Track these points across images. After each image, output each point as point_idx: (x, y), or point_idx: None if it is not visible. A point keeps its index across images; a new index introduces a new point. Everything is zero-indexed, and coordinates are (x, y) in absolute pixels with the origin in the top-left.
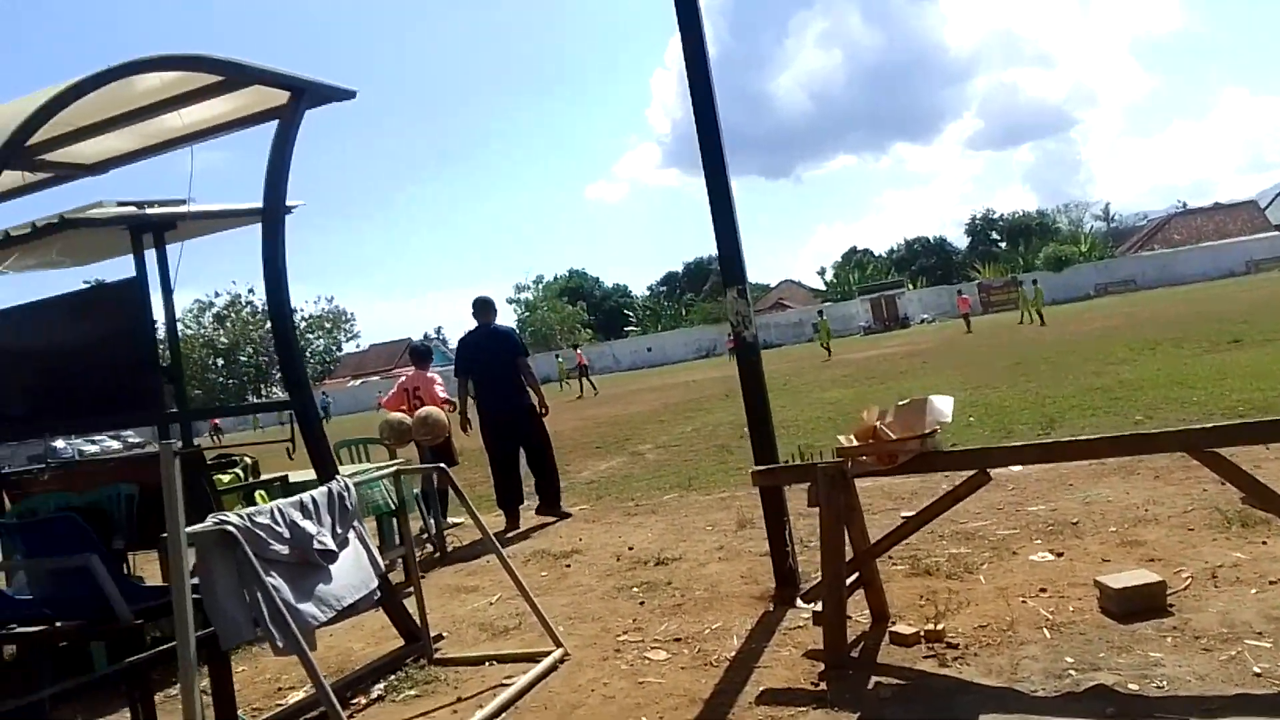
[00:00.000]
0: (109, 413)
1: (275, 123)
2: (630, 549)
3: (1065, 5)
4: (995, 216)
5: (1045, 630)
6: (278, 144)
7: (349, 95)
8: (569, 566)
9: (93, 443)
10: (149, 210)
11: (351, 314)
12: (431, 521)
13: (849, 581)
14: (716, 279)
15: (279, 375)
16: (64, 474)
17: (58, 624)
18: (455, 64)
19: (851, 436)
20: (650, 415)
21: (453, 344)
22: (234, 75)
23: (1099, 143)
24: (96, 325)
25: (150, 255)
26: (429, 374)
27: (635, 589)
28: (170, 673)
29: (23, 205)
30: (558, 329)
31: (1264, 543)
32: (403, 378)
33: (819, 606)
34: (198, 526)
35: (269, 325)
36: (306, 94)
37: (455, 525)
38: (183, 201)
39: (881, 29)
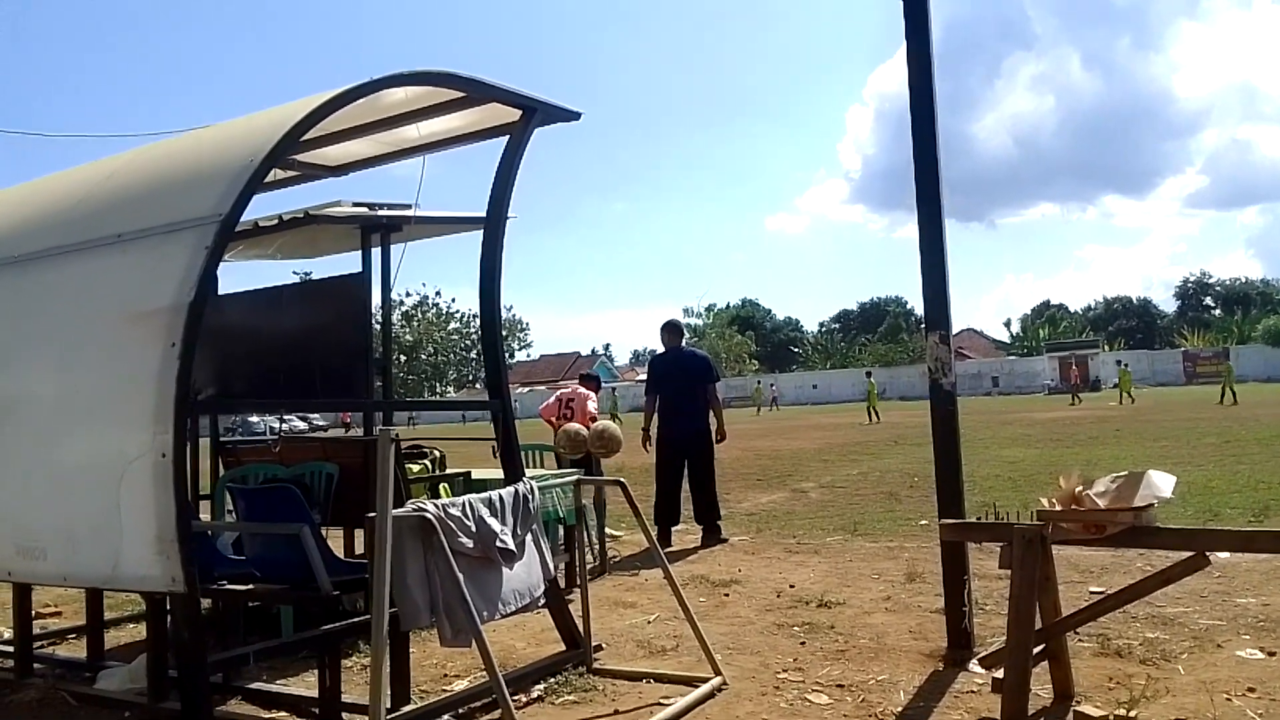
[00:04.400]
0: (323, 395)
1: (481, 142)
2: (791, 586)
3: None
4: (1211, 281)
5: None
6: (506, 159)
7: (575, 116)
8: (727, 595)
9: (283, 421)
10: (381, 212)
11: (527, 324)
12: (594, 534)
13: (1034, 652)
14: (893, 321)
15: (453, 376)
16: (277, 448)
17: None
18: (647, 83)
19: (1054, 500)
20: (814, 454)
21: (619, 361)
22: (475, 92)
23: None
24: (321, 313)
25: (374, 255)
26: (586, 392)
27: (796, 628)
28: (349, 645)
29: (257, 201)
30: (724, 356)
31: None
32: (562, 390)
33: (998, 673)
34: (399, 511)
35: (450, 328)
36: (538, 113)
37: (616, 539)
38: (408, 206)
39: (1103, 75)
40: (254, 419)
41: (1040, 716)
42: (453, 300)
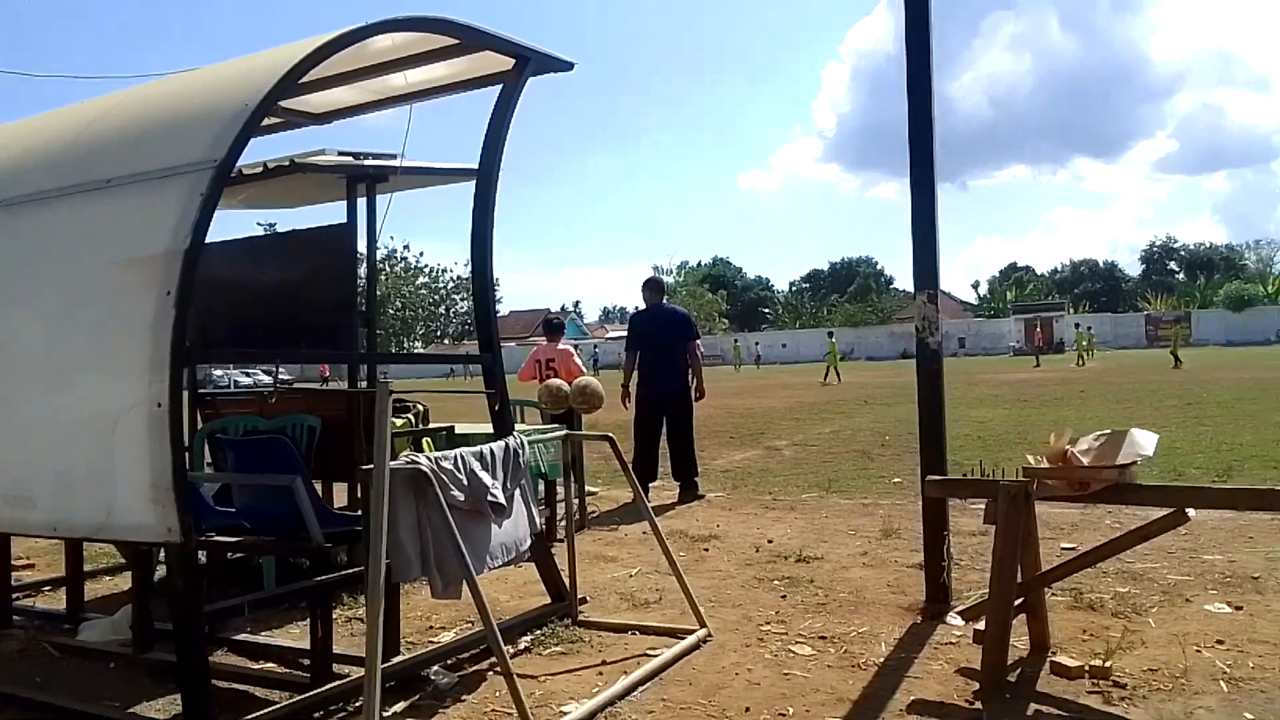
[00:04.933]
0: (307, 347)
1: (470, 91)
2: (770, 542)
3: None
4: (1176, 246)
5: (1222, 683)
6: (500, 108)
7: (568, 66)
8: (707, 550)
9: (247, 374)
10: (368, 161)
11: (497, 279)
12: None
13: (1014, 604)
14: (863, 282)
15: (421, 331)
16: (255, 400)
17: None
18: (623, 39)
19: (1040, 457)
20: (786, 412)
21: (590, 318)
22: (470, 39)
23: None
24: (306, 265)
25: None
26: (562, 346)
27: (776, 582)
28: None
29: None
30: (696, 315)
31: None
32: (535, 349)
33: (978, 625)
34: (394, 463)
35: (419, 282)
36: (532, 63)
37: (593, 494)
38: (393, 156)
39: (1080, 36)
40: (217, 372)
41: (1018, 667)
42: (421, 254)
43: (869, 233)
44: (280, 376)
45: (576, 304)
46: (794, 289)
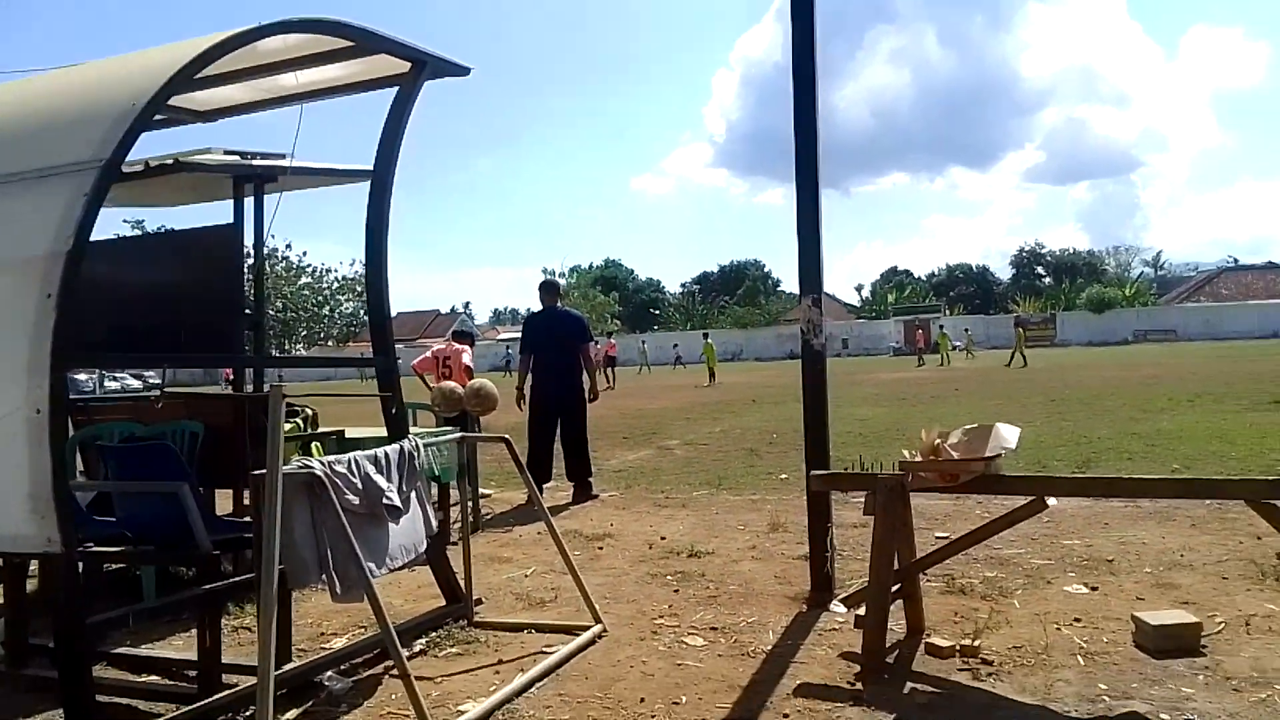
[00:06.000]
0: (194, 350)
1: (364, 93)
2: (662, 539)
3: (1150, 48)
4: (1043, 251)
5: (1079, 657)
6: (395, 113)
7: (464, 71)
8: (601, 549)
9: (115, 379)
10: (256, 161)
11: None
12: (470, 490)
13: (891, 591)
14: (751, 284)
15: (304, 333)
16: (132, 405)
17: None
18: (517, 40)
19: (915, 452)
20: (677, 412)
21: (480, 320)
22: (366, 42)
23: (1160, 189)
24: (192, 266)
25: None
26: (460, 348)
27: (669, 577)
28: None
29: None
30: (589, 317)
31: None
32: (437, 346)
33: (859, 611)
34: (287, 468)
35: (301, 283)
36: (428, 67)
37: (486, 496)
38: (281, 155)
39: (957, 52)
40: (82, 376)
41: (896, 649)
42: (304, 254)
43: (757, 236)
44: (150, 380)
45: (467, 305)
46: (685, 291)
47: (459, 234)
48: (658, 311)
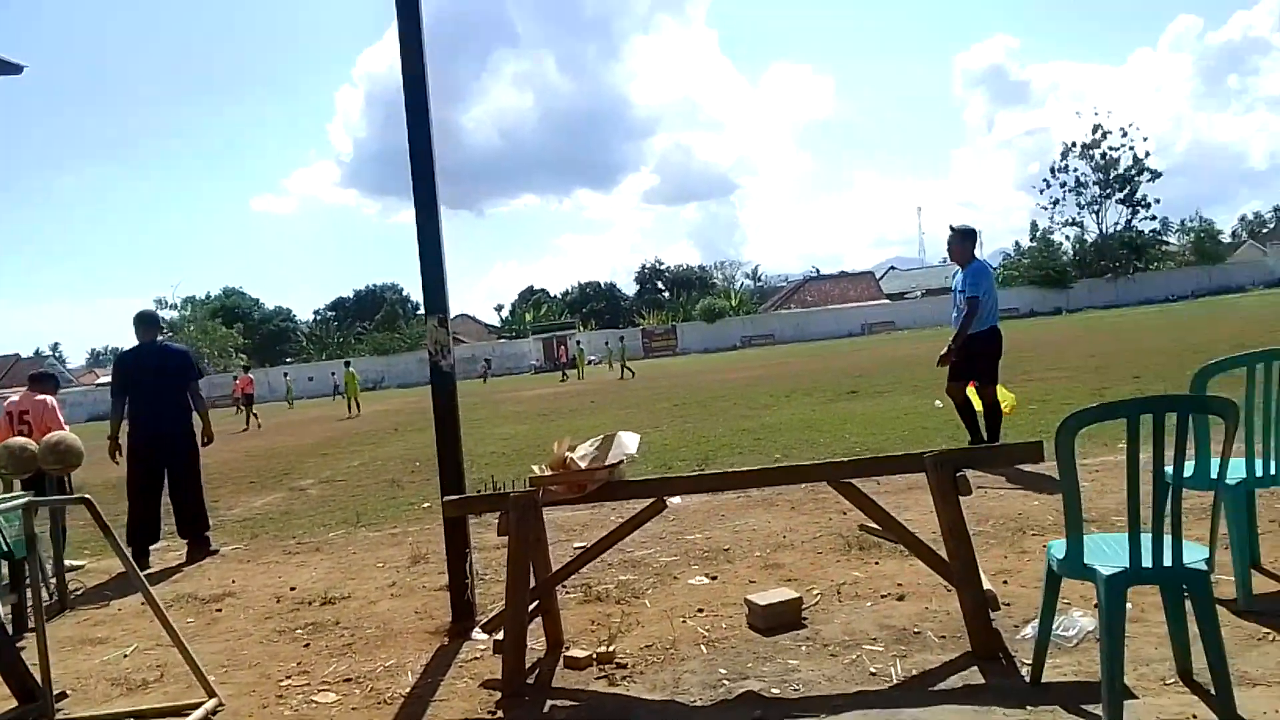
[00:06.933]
0: None
1: None
2: (292, 589)
3: (738, 80)
4: (662, 267)
5: (703, 646)
6: None
7: (16, 70)
8: (220, 611)
9: None
10: None
11: None
12: (50, 566)
13: (529, 609)
14: (390, 309)
15: None
16: None
17: None
18: (108, 43)
19: (544, 467)
20: (312, 448)
21: (74, 363)
22: None
23: (755, 209)
24: None
25: None
26: (42, 397)
27: (299, 630)
28: None
29: None
30: (208, 351)
31: (877, 563)
32: (11, 399)
33: (499, 636)
34: None
35: None
36: None
37: (78, 569)
38: None
39: (575, 78)
40: None
41: (536, 668)
42: None
43: (394, 259)
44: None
45: (55, 346)
46: (319, 318)
47: (41, 263)
48: (290, 341)
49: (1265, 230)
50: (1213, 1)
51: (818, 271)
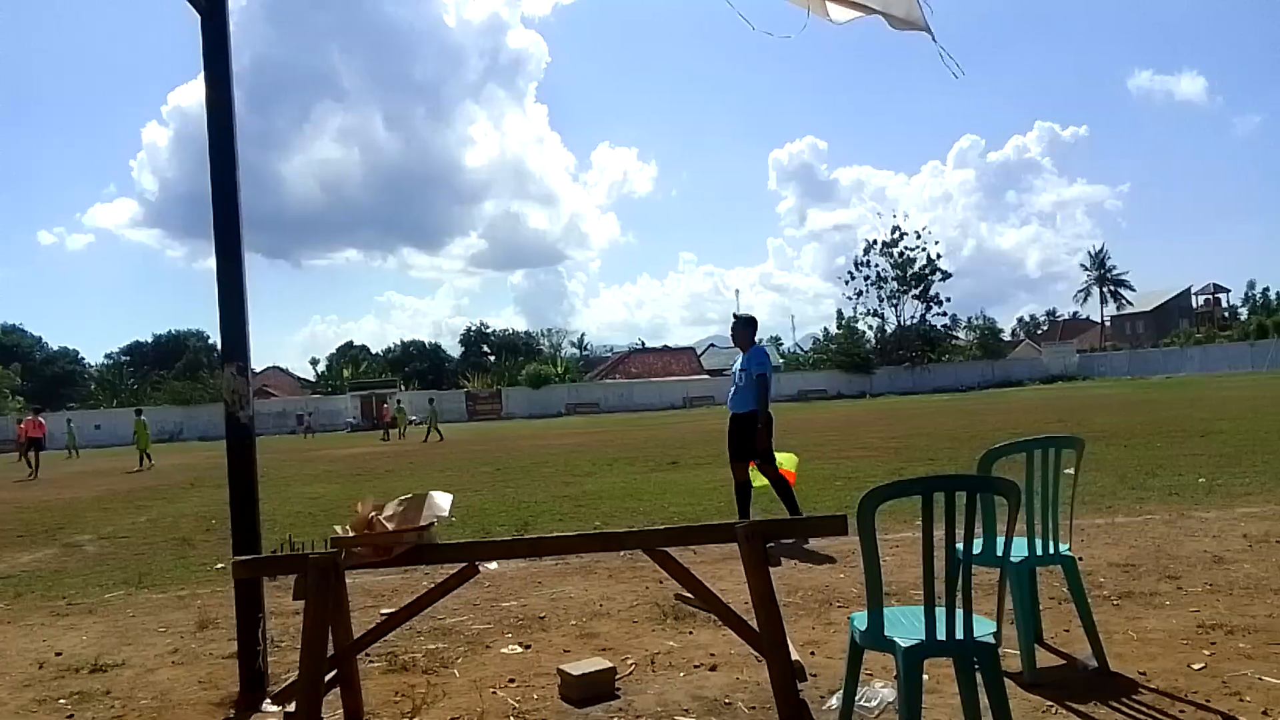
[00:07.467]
0: None
1: None
2: (58, 655)
3: (567, 156)
4: (488, 330)
5: (512, 718)
6: None
7: None
8: None
9: None
10: None
11: None
12: None
13: (326, 679)
14: (193, 356)
15: None
16: None
17: None
18: None
19: (348, 527)
20: (93, 502)
21: None
22: None
23: (582, 279)
24: None
25: None
26: None
27: (63, 700)
28: None
29: None
30: None
31: (691, 633)
32: None
33: (291, 708)
34: None
35: None
36: None
37: None
38: None
39: (403, 138)
40: None
41: None
42: None
43: (199, 305)
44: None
45: None
46: (111, 363)
47: None
48: (78, 385)
49: (1040, 331)
50: (993, 124)
51: (642, 344)
